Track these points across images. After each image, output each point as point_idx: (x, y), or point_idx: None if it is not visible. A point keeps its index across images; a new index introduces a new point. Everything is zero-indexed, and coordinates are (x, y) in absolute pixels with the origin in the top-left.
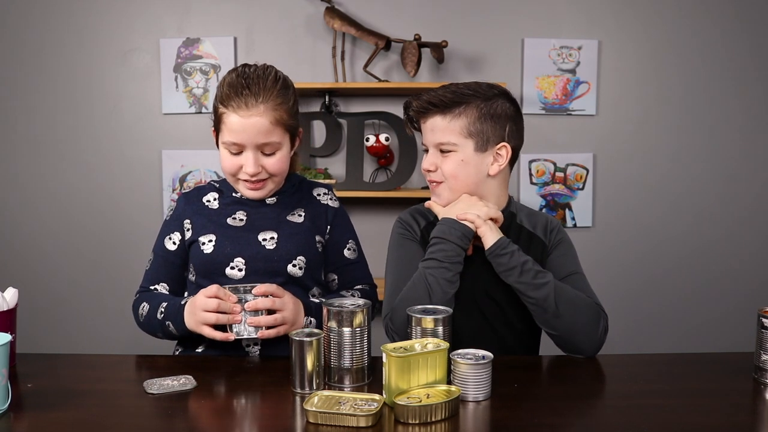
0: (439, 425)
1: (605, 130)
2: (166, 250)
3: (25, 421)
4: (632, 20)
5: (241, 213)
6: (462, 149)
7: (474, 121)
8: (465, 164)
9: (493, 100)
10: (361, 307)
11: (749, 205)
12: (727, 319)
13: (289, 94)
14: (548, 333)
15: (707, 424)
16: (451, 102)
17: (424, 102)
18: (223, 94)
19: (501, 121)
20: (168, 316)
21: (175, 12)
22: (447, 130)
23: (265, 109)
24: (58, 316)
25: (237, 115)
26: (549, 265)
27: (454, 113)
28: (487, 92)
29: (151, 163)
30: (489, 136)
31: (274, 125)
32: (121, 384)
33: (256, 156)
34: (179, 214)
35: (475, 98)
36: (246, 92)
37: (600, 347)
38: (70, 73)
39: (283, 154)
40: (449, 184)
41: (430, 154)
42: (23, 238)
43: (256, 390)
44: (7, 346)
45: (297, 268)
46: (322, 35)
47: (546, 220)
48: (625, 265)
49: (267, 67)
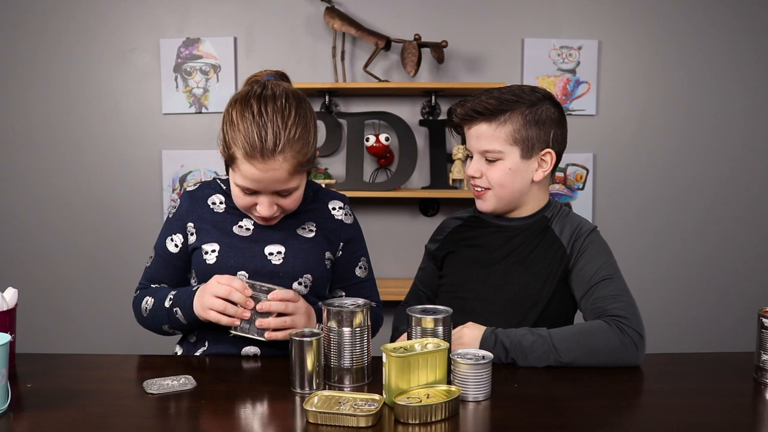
0: (439, 425)
1: (605, 130)
2: (167, 252)
3: (24, 421)
4: (632, 20)
5: (247, 221)
6: (509, 157)
7: (520, 128)
8: (512, 173)
9: (538, 105)
10: (361, 307)
11: (749, 205)
12: (727, 319)
13: (309, 133)
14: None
15: (707, 424)
16: (497, 109)
17: (469, 109)
18: (236, 134)
19: (546, 126)
20: (177, 302)
21: (175, 12)
22: (493, 138)
23: (284, 159)
24: (58, 316)
25: (252, 166)
26: (573, 277)
27: (500, 120)
28: (531, 97)
29: (151, 163)
30: (534, 143)
31: (292, 174)
32: (121, 384)
33: (271, 200)
34: (182, 215)
35: (520, 104)
36: (263, 135)
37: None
38: (70, 73)
39: (299, 193)
40: (496, 192)
41: (475, 161)
42: (23, 238)
43: (256, 390)
44: (7, 346)
45: (302, 286)
46: (322, 35)
47: (574, 227)
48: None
49: (283, 95)
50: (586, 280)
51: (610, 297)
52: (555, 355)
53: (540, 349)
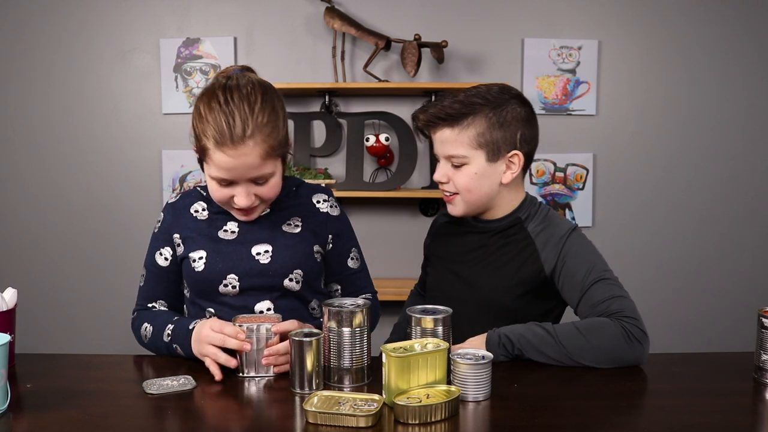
0: (438, 425)
1: (605, 130)
2: (158, 267)
3: (24, 422)
4: (632, 20)
5: (232, 224)
6: (474, 161)
7: (483, 131)
8: (479, 177)
9: (503, 106)
10: (360, 307)
11: (749, 205)
12: (727, 319)
13: (278, 117)
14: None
15: (707, 424)
16: (459, 113)
17: (431, 115)
18: (205, 125)
19: (512, 128)
20: (175, 339)
21: (175, 12)
22: (456, 143)
23: (254, 144)
24: (58, 316)
25: (224, 153)
26: (562, 284)
27: (463, 125)
28: (497, 98)
29: (151, 163)
30: (500, 145)
31: (264, 159)
32: (121, 384)
33: (247, 188)
34: (167, 228)
35: (484, 107)
36: (231, 123)
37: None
38: (70, 73)
39: (276, 180)
40: (464, 197)
41: (442, 165)
42: (23, 238)
43: (255, 390)
44: (7, 346)
45: (294, 282)
46: (322, 35)
47: (551, 230)
48: (624, 265)
49: (249, 84)
50: (578, 285)
51: (608, 299)
52: (560, 348)
53: (545, 342)
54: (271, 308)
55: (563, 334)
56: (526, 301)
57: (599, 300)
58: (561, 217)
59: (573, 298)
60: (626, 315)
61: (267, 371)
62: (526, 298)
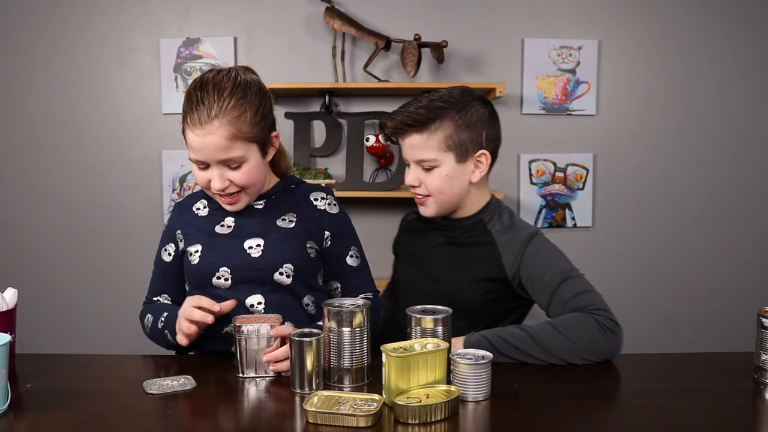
0: (438, 425)
1: (605, 130)
2: (163, 262)
3: (24, 422)
4: (632, 20)
5: (229, 219)
6: (444, 163)
7: (451, 133)
8: (450, 178)
9: (468, 108)
10: (360, 307)
11: (749, 205)
12: (727, 319)
13: (248, 102)
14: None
15: (707, 424)
16: (426, 118)
17: (399, 122)
18: (183, 107)
19: (477, 128)
20: (167, 325)
21: (175, 12)
22: (426, 147)
23: (220, 125)
24: (58, 316)
25: (193, 133)
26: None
27: (431, 129)
28: (460, 101)
29: (151, 163)
30: (468, 146)
31: (231, 140)
32: (121, 384)
33: (221, 171)
34: (172, 225)
35: (449, 110)
36: (200, 106)
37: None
38: (70, 73)
39: (250, 167)
40: (436, 199)
41: (413, 170)
42: (23, 238)
43: (255, 390)
44: (7, 346)
45: (284, 276)
46: (322, 35)
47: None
48: (624, 265)
49: (229, 71)
50: (546, 287)
51: (576, 295)
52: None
53: (524, 341)
54: (262, 302)
55: (541, 333)
56: (489, 298)
57: (568, 297)
58: (523, 222)
59: (543, 301)
60: (596, 308)
61: (266, 372)
62: (489, 296)
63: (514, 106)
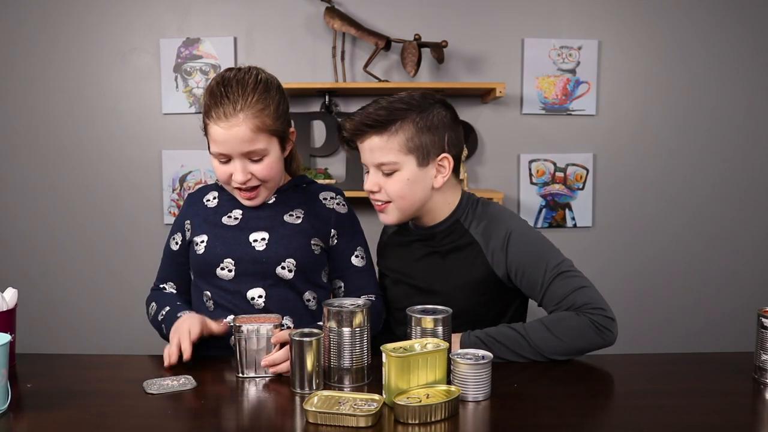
0: (438, 425)
1: (605, 130)
2: (170, 251)
3: (24, 421)
4: (632, 20)
5: (237, 211)
6: (405, 167)
7: (412, 135)
8: (411, 183)
9: (429, 110)
10: (360, 307)
11: (749, 205)
12: (727, 319)
13: (270, 97)
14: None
15: (707, 424)
16: (386, 119)
17: (358, 123)
18: (205, 104)
19: (439, 131)
20: (166, 319)
21: (175, 12)
22: (386, 149)
23: (245, 117)
24: (58, 316)
25: (218, 126)
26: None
27: (391, 131)
28: (422, 103)
29: (151, 163)
30: (429, 149)
31: (256, 133)
32: (121, 384)
33: (243, 164)
34: (182, 215)
35: (410, 112)
36: (225, 101)
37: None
38: (70, 73)
39: (271, 160)
40: (397, 204)
41: (372, 175)
42: (23, 238)
43: (255, 390)
44: (7, 346)
45: (286, 271)
46: (322, 35)
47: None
48: (624, 265)
49: (249, 69)
50: (537, 284)
51: (570, 293)
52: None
53: (517, 342)
54: (263, 296)
55: (534, 334)
56: (482, 301)
57: (562, 296)
58: (500, 210)
59: (535, 296)
60: (593, 306)
61: (266, 372)
62: (482, 299)
63: (514, 106)
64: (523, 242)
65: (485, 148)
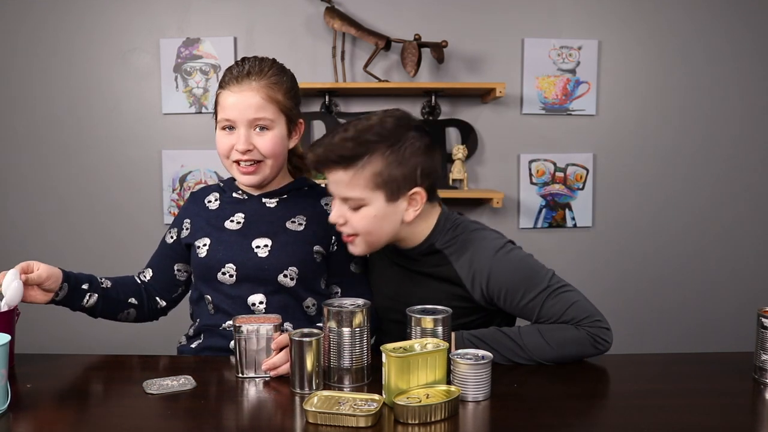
0: (438, 425)
1: (605, 130)
2: (165, 243)
3: (24, 421)
4: (632, 20)
5: (239, 215)
6: (373, 203)
7: (381, 170)
8: (378, 219)
9: (401, 142)
10: (360, 307)
11: (749, 205)
12: (727, 319)
13: (285, 78)
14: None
15: (707, 424)
16: (352, 154)
17: (320, 156)
18: (222, 78)
19: (410, 163)
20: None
21: (175, 12)
22: (351, 185)
23: (258, 86)
24: (58, 316)
25: (230, 90)
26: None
27: (357, 166)
28: (393, 133)
29: (151, 163)
30: (400, 184)
31: (266, 101)
32: (121, 384)
33: (247, 133)
34: (183, 213)
35: (379, 144)
36: (241, 70)
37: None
38: (70, 73)
39: (276, 134)
40: (364, 239)
41: (337, 206)
42: (22, 238)
43: (255, 390)
44: (7, 346)
45: (288, 279)
46: (322, 35)
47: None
48: (624, 265)
49: (264, 57)
50: (528, 309)
51: (564, 311)
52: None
53: (508, 346)
54: (264, 302)
55: (533, 346)
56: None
57: (557, 314)
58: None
59: (529, 319)
60: (591, 320)
61: (266, 372)
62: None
63: (514, 106)
64: (505, 269)
65: (485, 148)
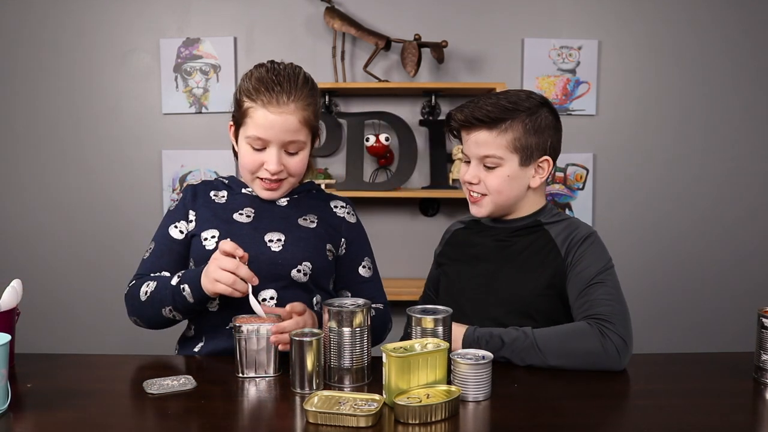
0: (439, 425)
1: (605, 130)
2: (170, 239)
3: (24, 421)
4: (632, 20)
5: (249, 209)
6: (508, 164)
7: (520, 136)
8: (510, 179)
9: (538, 113)
10: (361, 307)
11: (749, 205)
12: (727, 319)
13: (316, 95)
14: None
15: (707, 424)
16: (498, 117)
17: (468, 115)
18: (252, 87)
19: (544, 134)
20: (185, 279)
21: (175, 12)
22: (493, 144)
23: (296, 108)
24: (58, 316)
25: (266, 110)
26: (569, 281)
27: (501, 128)
28: (529, 104)
29: (151, 163)
30: (533, 151)
31: (302, 124)
32: (121, 384)
33: (279, 154)
34: (186, 204)
35: (521, 113)
36: (278, 89)
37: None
38: (70, 73)
39: (305, 154)
40: (493, 198)
41: (473, 167)
42: (22, 238)
43: (255, 390)
44: (7, 346)
45: (301, 274)
46: (322, 35)
47: (571, 232)
48: (624, 265)
49: (295, 66)
50: (581, 283)
51: (599, 300)
52: (536, 352)
53: (521, 345)
54: (275, 297)
55: (540, 336)
56: (547, 299)
57: (592, 299)
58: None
59: (573, 295)
60: (608, 320)
61: (266, 371)
62: (547, 297)
63: None
64: (597, 247)
65: None
